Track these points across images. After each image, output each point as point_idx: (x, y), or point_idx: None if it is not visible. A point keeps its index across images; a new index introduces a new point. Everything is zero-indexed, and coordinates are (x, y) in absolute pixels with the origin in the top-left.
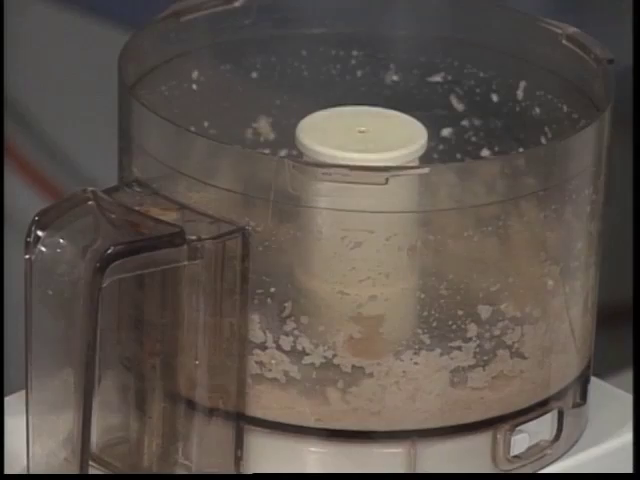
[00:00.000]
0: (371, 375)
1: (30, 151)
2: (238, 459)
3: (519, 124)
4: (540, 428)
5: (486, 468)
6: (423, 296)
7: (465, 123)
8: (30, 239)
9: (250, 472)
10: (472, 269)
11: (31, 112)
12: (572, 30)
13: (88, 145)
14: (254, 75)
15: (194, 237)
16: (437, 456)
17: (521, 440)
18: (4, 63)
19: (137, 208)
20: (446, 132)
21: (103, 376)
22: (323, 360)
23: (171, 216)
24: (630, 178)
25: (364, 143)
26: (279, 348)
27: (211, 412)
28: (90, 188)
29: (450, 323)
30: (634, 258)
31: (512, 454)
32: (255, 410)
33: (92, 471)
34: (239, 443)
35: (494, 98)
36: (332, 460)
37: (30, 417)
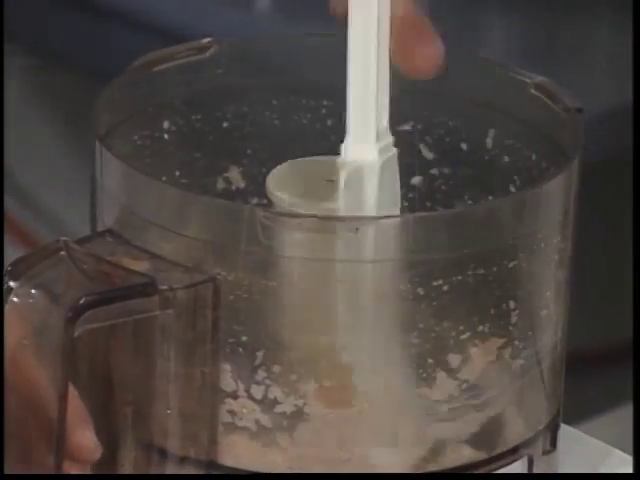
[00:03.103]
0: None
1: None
2: None
3: (488, 173)
4: None
5: None
6: (394, 345)
7: (435, 171)
8: (3, 289)
9: None
10: (442, 318)
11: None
12: (540, 79)
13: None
14: (225, 125)
15: (166, 287)
16: None
17: None
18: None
19: (109, 258)
20: (416, 180)
21: None
22: (294, 409)
23: (143, 266)
24: (598, 227)
25: (334, 192)
26: (250, 397)
27: (183, 460)
28: (62, 238)
29: (420, 371)
30: (634, 299)
31: None
32: (227, 458)
33: None
34: None
35: (463, 147)
36: None
37: (5, 466)
